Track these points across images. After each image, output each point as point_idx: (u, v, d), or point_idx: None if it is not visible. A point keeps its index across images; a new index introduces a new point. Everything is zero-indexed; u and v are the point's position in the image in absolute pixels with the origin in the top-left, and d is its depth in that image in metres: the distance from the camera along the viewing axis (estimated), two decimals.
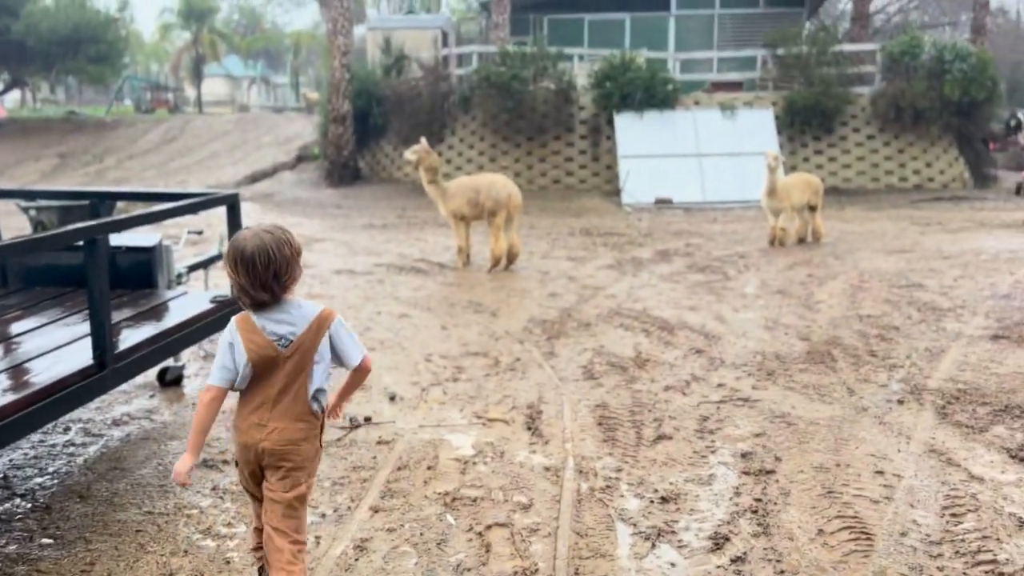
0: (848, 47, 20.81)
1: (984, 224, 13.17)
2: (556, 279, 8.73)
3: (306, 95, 39.09)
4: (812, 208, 11.26)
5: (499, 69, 19.92)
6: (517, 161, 20.37)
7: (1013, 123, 27.58)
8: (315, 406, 2.45)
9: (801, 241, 11.33)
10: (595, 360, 5.62)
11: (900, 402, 4.72)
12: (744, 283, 8.37)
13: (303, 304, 2.44)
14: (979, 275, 8.48)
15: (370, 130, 21.77)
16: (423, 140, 9.68)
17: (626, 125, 19.75)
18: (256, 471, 2.46)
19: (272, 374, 2.39)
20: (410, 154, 9.46)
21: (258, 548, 2.61)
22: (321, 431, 2.50)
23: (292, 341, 2.39)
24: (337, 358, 2.47)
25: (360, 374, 2.56)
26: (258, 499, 2.53)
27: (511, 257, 9.34)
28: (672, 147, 19.36)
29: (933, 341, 5.95)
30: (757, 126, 19.69)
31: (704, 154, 19.23)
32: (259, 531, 2.57)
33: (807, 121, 19.77)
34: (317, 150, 23.71)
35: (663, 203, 17.98)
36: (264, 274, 2.32)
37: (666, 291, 7.97)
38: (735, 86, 22.16)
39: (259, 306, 2.39)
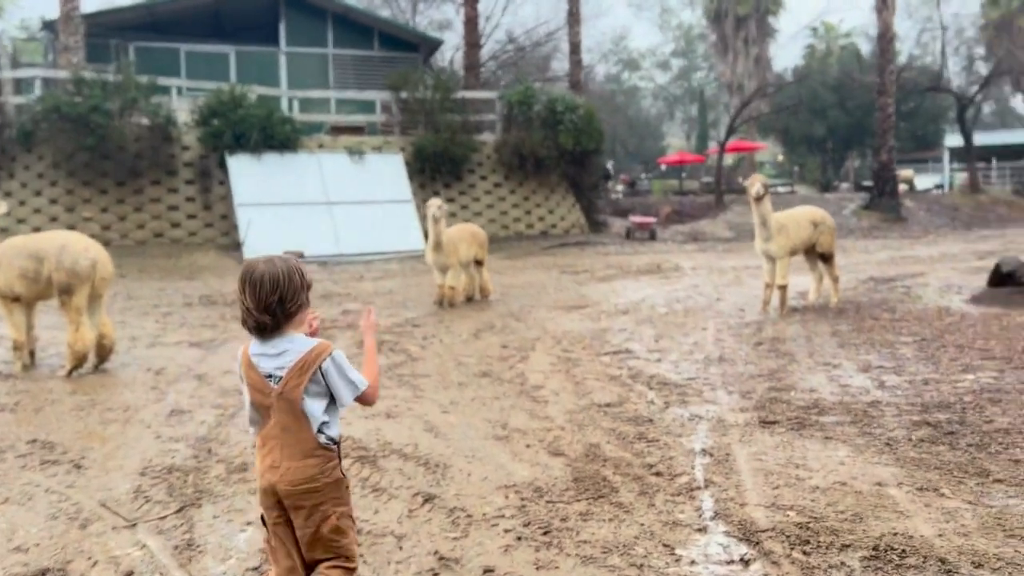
0: (470, 94, 20.64)
1: (625, 270, 13.20)
2: (179, 381, 6.11)
3: None
4: (479, 262, 10.00)
5: (73, 99, 16.04)
6: (104, 211, 16.52)
7: (604, 173, 30.28)
8: (323, 439, 2.39)
9: (469, 299, 10.00)
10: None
11: (745, 562, 3.23)
12: (436, 365, 6.59)
13: (297, 339, 2.38)
14: (675, 332, 7.76)
15: None
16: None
17: (242, 169, 17.14)
18: (282, 516, 2.42)
19: (270, 412, 2.37)
20: None
21: None
22: (339, 460, 2.45)
23: (281, 378, 2.35)
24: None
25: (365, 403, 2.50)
26: (282, 548, 2.45)
27: (103, 352, 6.47)
28: (299, 194, 17.20)
29: (703, 437, 4.70)
30: (388, 172, 18.45)
31: (334, 202, 17.39)
32: None
33: (437, 168, 19.05)
34: None
35: (294, 257, 15.69)
36: (270, 296, 2.30)
37: None
38: (358, 130, 20.76)
39: (260, 331, 2.35)
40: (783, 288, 8.59)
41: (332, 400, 2.42)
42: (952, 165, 46.37)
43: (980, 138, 35.04)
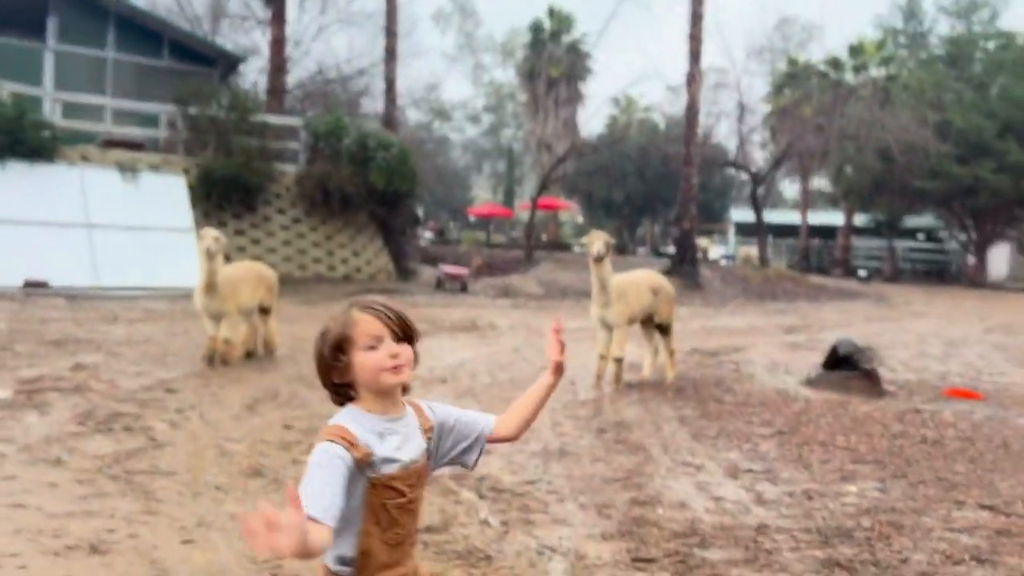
0: (272, 118, 18.69)
1: (438, 325, 11.86)
2: None
3: None
4: (265, 310, 8.24)
5: None
6: None
7: (415, 218, 29.02)
8: (329, 559, 1.75)
9: (249, 356, 8.19)
10: None
11: None
12: (188, 456, 4.81)
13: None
14: (502, 411, 6.45)
15: None
16: None
17: None
18: None
19: None
20: None
21: None
22: None
23: None
24: None
25: None
26: None
27: None
28: (50, 213, 14.42)
29: None
30: (166, 195, 16.02)
31: (96, 225, 14.75)
32: None
33: (226, 196, 16.89)
34: None
35: (35, 287, 12.95)
36: (318, 368, 1.80)
37: (39, 496, 3.96)
38: (136, 146, 18.10)
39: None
40: (619, 361, 7.60)
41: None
42: (735, 239, 49.81)
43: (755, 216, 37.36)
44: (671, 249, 34.54)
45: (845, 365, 8.07)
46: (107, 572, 3.22)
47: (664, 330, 8.05)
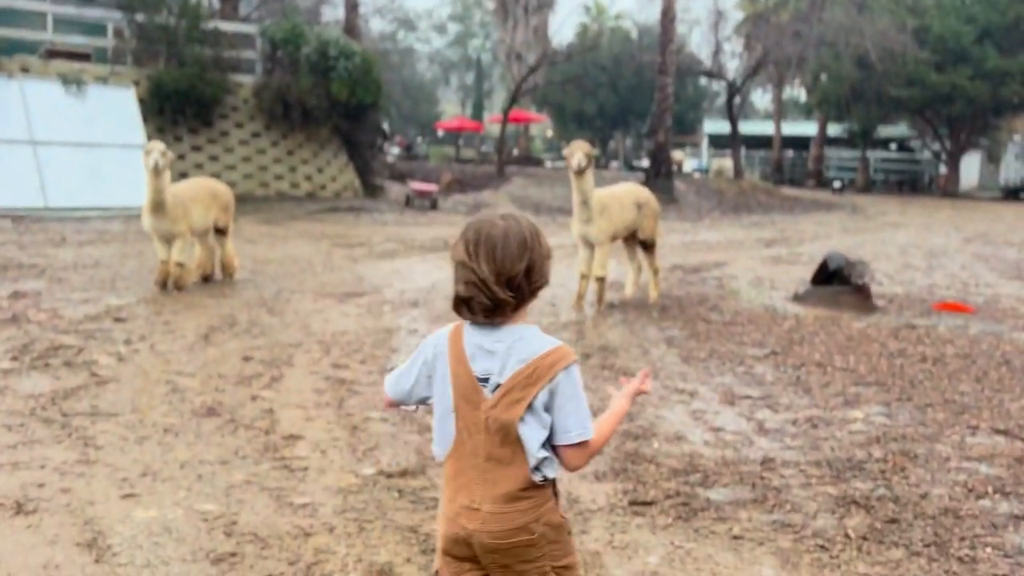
0: (225, 25, 17.55)
1: (408, 245, 11.34)
2: None
3: None
4: (221, 231, 7.67)
5: None
6: None
7: (382, 133, 28.00)
8: (538, 477, 1.64)
9: (206, 280, 7.66)
10: None
11: None
12: (135, 392, 4.35)
13: (531, 334, 1.64)
14: None
15: None
16: None
17: None
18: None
19: (476, 430, 1.65)
20: None
21: None
22: (556, 499, 1.69)
23: (500, 385, 1.62)
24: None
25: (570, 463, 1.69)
26: None
27: None
28: None
29: None
30: (115, 109, 15.04)
31: (41, 142, 13.85)
32: None
33: (180, 109, 15.95)
34: None
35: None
36: (516, 264, 1.60)
37: None
38: (81, 56, 16.92)
39: (493, 311, 1.61)
40: (602, 280, 7.19)
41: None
42: (708, 151, 49.21)
43: (729, 127, 36.69)
44: (644, 162, 33.98)
45: (835, 279, 7.75)
46: (32, 536, 2.80)
47: (648, 247, 7.62)
